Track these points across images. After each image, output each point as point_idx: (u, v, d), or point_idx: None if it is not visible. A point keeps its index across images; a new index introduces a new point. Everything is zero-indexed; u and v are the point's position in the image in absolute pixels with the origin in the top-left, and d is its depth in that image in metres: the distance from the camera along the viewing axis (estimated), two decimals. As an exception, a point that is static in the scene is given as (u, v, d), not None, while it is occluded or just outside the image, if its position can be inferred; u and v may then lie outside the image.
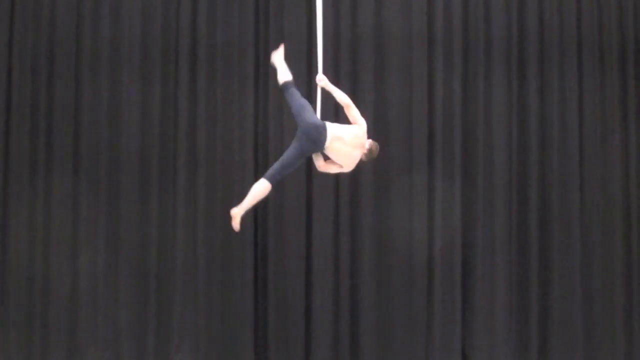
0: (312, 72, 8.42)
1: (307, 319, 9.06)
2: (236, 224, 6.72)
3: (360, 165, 8.88)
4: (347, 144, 6.81)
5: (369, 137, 6.97)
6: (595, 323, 9.15)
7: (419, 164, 9.19)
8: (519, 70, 9.35)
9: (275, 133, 9.21)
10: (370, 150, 6.88)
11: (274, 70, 8.20)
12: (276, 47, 8.20)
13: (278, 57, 7.17)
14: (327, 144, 6.75)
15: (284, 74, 7.07)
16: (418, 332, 9.05)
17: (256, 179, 8.89)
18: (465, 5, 9.35)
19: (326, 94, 7.13)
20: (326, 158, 7.00)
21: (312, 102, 7.07)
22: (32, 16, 9.19)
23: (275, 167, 6.82)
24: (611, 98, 9.34)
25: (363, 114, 8.93)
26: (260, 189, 6.75)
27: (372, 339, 9.05)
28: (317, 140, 6.75)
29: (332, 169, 7.01)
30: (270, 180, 6.75)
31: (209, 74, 9.22)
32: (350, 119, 6.93)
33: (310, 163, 9.01)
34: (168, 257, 9.06)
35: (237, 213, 6.73)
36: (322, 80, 7.01)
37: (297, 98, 6.95)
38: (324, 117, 7.14)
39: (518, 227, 9.23)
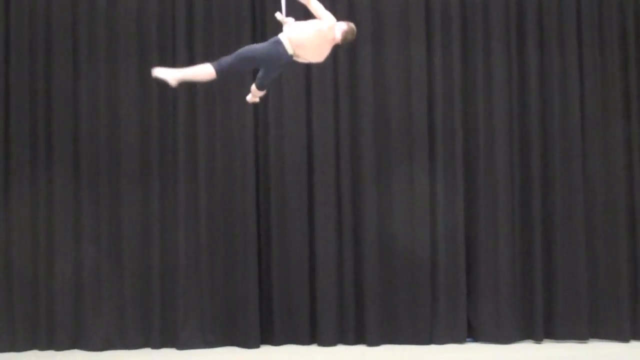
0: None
1: (312, 298, 9.05)
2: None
3: (360, 154, 9.10)
4: (313, 43, 6.52)
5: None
6: (600, 294, 9.13)
7: (420, 156, 9.14)
8: (518, 56, 9.28)
9: (275, 124, 9.17)
10: (345, 38, 6.58)
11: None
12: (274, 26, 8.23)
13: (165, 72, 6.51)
14: (291, 51, 6.48)
15: (201, 72, 6.54)
16: (423, 307, 9.04)
17: (257, 172, 9.10)
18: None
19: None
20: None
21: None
22: (29, 9, 9.14)
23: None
24: (612, 83, 9.27)
25: (362, 106, 9.08)
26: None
27: (377, 314, 9.03)
28: (280, 58, 6.47)
29: (300, 60, 6.69)
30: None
31: (206, 60, 9.12)
32: (314, 14, 6.57)
33: (311, 154, 9.08)
34: (171, 246, 9.04)
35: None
36: None
37: (237, 61, 6.47)
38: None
39: (521, 218, 9.19)
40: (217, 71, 6.42)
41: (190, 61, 9.02)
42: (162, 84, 8.73)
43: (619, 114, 9.25)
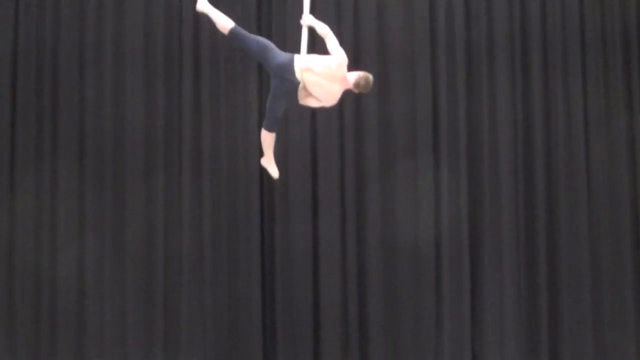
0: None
1: (315, 317, 9.04)
2: (274, 170, 6.84)
3: (363, 147, 9.13)
4: (321, 76, 6.41)
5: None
6: (605, 316, 9.08)
7: (424, 153, 9.16)
8: (522, 59, 9.30)
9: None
10: (358, 83, 6.43)
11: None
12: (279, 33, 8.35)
13: (203, 4, 6.64)
14: (299, 76, 6.40)
15: (223, 21, 6.56)
16: (427, 331, 9.02)
17: (260, 171, 9.08)
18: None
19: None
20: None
21: (298, 47, 6.60)
22: (37, 10, 9.22)
23: (267, 115, 6.61)
24: (614, 88, 9.29)
25: (367, 105, 9.08)
26: (267, 139, 6.69)
27: (381, 338, 9.02)
28: (288, 76, 6.40)
29: (311, 102, 6.62)
30: (269, 129, 6.62)
31: (212, 66, 9.24)
32: (328, 49, 6.50)
33: (315, 155, 9.13)
34: (174, 251, 9.07)
35: (265, 161, 6.82)
36: (307, 18, 6.55)
37: (251, 40, 6.54)
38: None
39: (525, 215, 9.19)
40: (232, 31, 6.49)
41: (196, 59, 9.22)
42: (165, 75, 9.11)
43: (621, 114, 9.27)
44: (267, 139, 6.66)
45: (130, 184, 9.11)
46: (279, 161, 8.90)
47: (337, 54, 6.41)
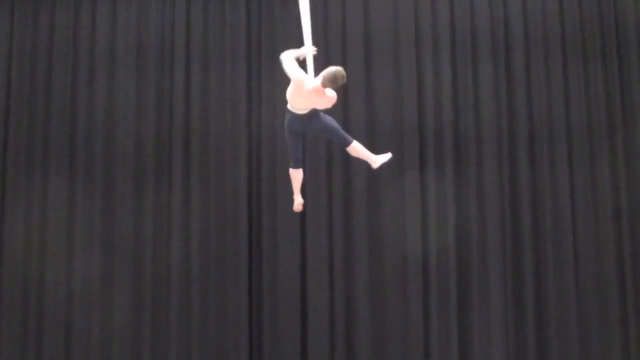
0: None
1: (303, 333, 9.03)
2: (299, 206, 7.18)
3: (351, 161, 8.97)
4: (295, 97, 6.77)
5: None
6: (591, 332, 9.03)
7: (410, 167, 9.20)
8: (506, 69, 9.41)
9: (267, 132, 9.25)
10: (326, 83, 6.62)
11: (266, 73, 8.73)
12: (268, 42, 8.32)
13: None
14: (290, 107, 6.83)
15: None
16: (415, 343, 8.98)
17: (249, 180, 9.16)
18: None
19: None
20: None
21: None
22: (31, 19, 9.40)
23: (289, 156, 7.03)
24: (595, 91, 9.36)
25: (354, 117, 9.17)
26: (297, 176, 7.09)
27: (368, 352, 8.98)
28: (300, 125, 6.88)
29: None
30: (294, 167, 7.03)
31: (202, 74, 9.36)
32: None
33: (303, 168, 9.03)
34: (163, 262, 9.09)
35: (298, 202, 7.18)
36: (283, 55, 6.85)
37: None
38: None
39: (511, 230, 9.20)
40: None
41: (187, 67, 9.32)
42: (157, 83, 9.19)
43: (603, 119, 9.33)
44: (294, 176, 7.10)
45: (120, 192, 9.17)
46: (266, 174, 9.01)
47: (292, 77, 6.75)
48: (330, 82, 6.62)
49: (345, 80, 6.69)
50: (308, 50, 6.92)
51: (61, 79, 9.29)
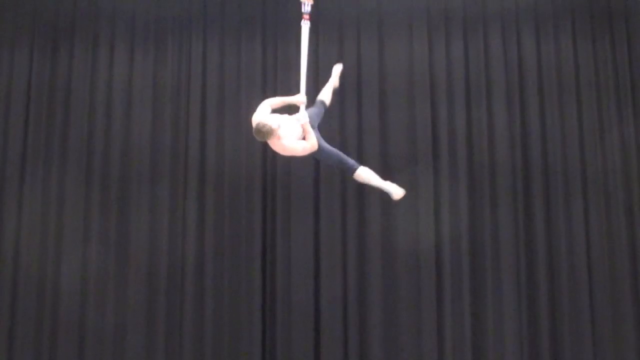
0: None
1: (316, 327, 9.06)
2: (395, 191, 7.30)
3: (364, 155, 9.28)
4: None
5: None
6: (604, 331, 9.06)
7: (424, 168, 9.30)
8: (521, 112, 9.48)
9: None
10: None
11: (282, 83, 8.87)
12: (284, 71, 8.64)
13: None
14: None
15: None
16: (428, 341, 9.03)
17: (263, 184, 9.22)
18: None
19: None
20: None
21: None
22: (50, 58, 9.57)
23: (341, 158, 7.23)
24: (609, 136, 9.45)
25: (369, 157, 9.23)
26: (364, 175, 7.24)
27: (381, 349, 9.02)
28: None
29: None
30: (356, 166, 7.22)
31: (217, 112, 9.49)
32: None
33: (317, 164, 9.21)
34: (177, 260, 9.14)
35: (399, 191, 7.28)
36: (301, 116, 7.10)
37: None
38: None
39: (525, 231, 9.26)
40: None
41: (203, 72, 9.30)
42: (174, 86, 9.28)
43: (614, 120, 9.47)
44: (365, 176, 7.26)
45: (135, 193, 9.26)
46: (282, 168, 9.08)
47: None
48: (256, 135, 6.90)
49: (267, 133, 6.84)
50: (301, 99, 7.08)
51: (77, 118, 9.40)
